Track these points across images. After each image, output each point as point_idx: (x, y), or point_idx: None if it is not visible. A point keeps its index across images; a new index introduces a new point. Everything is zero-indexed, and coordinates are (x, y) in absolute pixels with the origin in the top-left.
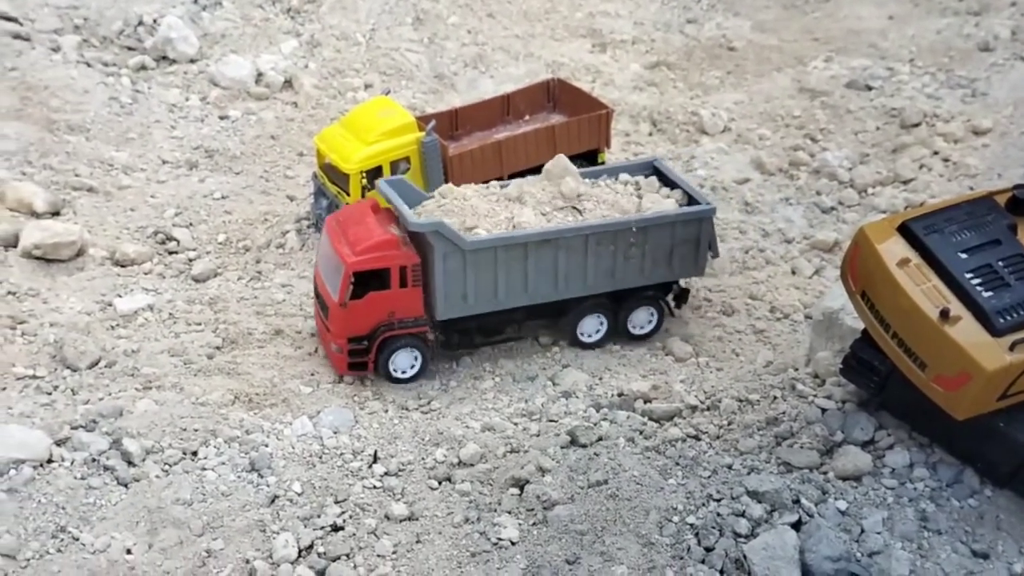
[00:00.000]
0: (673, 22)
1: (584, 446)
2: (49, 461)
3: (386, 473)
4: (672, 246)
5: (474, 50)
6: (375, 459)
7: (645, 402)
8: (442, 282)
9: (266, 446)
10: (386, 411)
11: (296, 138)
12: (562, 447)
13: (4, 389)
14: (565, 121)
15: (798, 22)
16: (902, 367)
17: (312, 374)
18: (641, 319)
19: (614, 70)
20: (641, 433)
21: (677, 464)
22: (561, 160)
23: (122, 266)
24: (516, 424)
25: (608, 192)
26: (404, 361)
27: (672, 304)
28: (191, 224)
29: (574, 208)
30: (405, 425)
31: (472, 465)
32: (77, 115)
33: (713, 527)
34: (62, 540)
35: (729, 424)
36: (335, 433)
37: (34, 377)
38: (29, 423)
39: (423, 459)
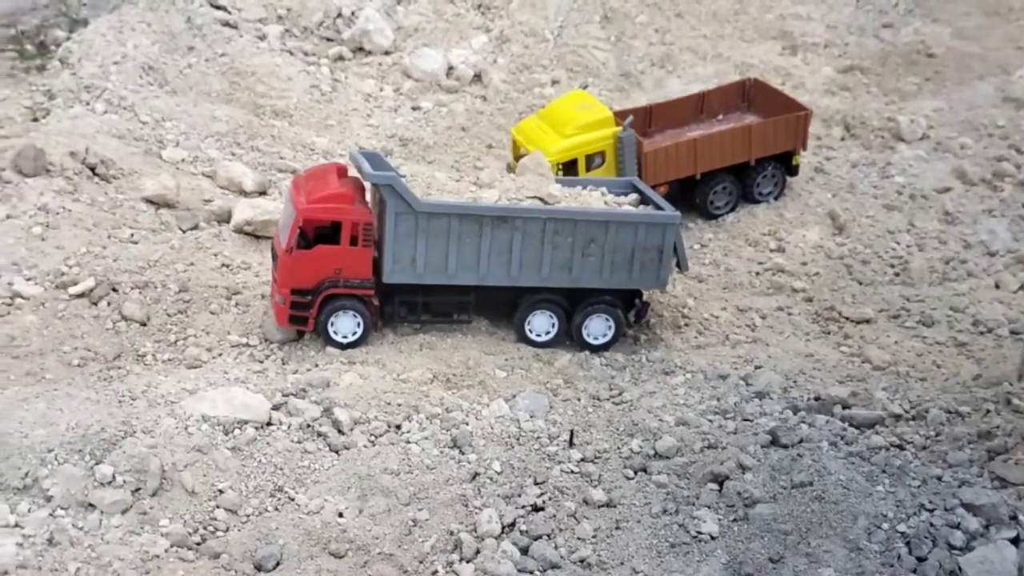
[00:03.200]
0: (867, 26)
1: (786, 447)
2: (268, 424)
3: (583, 459)
4: (633, 251)
5: (662, 49)
6: (572, 440)
7: (844, 407)
8: (392, 243)
9: (466, 424)
10: (579, 399)
11: (485, 130)
12: (762, 446)
13: (220, 355)
14: (762, 121)
15: (1001, 30)
16: None
17: (506, 359)
18: (598, 328)
19: (805, 73)
20: (842, 438)
21: (883, 472)
22: (537, 156)
23: None
24: (711, 421)
25: (581, 195)
26: (346, 325)
27: (632, 318)
28: None
29: (541, 199)
30: (599, 414)
31: (668, 458)
32: (281, 101)
33: (926, 537)
34: (279, 499)
35: (937, 435)
36: (531, 417)
37: (247, 345)
38: (243, 388)
39: (618, 448)
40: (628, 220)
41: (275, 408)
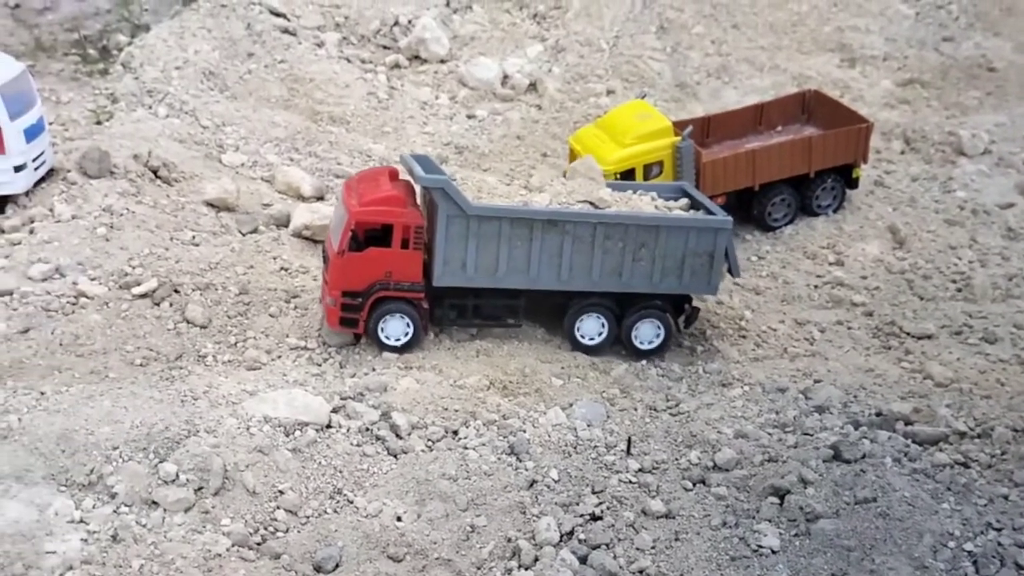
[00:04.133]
0: (928, 39)
1: (849, 462)
2: (328, 426)
3: (640, 469)
4: (684, 256)
5: (718, 60)
6: (629, 447)
7: (906, 424)
8: (443, 245)
9: (523, 432)
10: (635, 409)
11: (540, 139)
12: (824, 461)
13: (279, 357)
14: (823, 133)
15: None
16: None
17: (562, 367)
18: (647, 333)
19: (863, 86)
20: (906, 455)
21: (949, 489)
22: (588, 161)
23: None
24: (770, 434)
25: (632, 199)
26: (396, 328)
27: (682, 323)
28: None
29: (592, 204)
30: (656, 425)
31: (728, 470)
32: (339, 107)
33: (993, 556)
34: (338, 501)
35: (1003, 454)
36: (588, 426)
37: (305, 348)
38: (303, 390)
39: (676, 459)
40: (679, 225)
41: (334, 411)
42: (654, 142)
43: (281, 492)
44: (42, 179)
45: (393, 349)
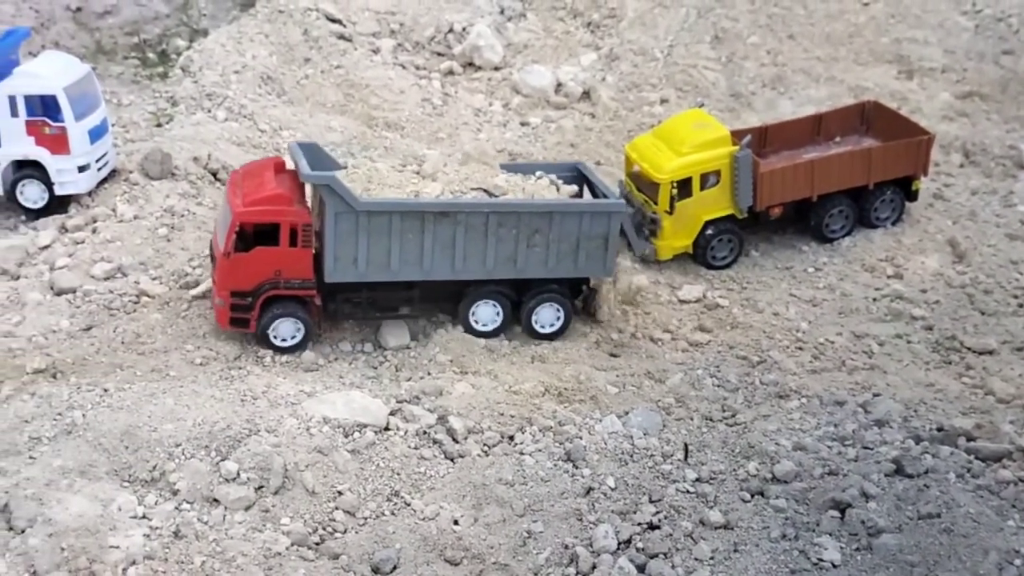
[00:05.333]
0: (987, 52)
1: (911, 476)
2: (386, 429)
3: (698, 479)
4: (578, 240)
5: (773, 71)
6: (687, 454)
7: (968, 439)
8: (333, 242)
9: (579, 439)
10: (691, 419)
11: (594, 147)
12: (886, 475)
13: (336, 360)
14: (883, 145)
15: None
16: None
17: (618, 375)
18: (547, 317)
19: (921, 98)
20: (968, 471)
21: (1013, 506)
22: (481, 146)
23: None
24: (829, 447)
25: (528, 184)
26: (286, 330)
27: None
28: None
29: (486, 191)
30: (713, 435)
31: (787, 482)
32: (394, 113)
33: None
34: (395, 504)
35: None
36: (645, 434)
37: (361, 352)
38: (360, 393)
39: (734, 470)
40: (573, 210)
41: (391, 413)
42: (712, 151)
43: (340, 493)
44: (105, 179)
45: (283, 350)
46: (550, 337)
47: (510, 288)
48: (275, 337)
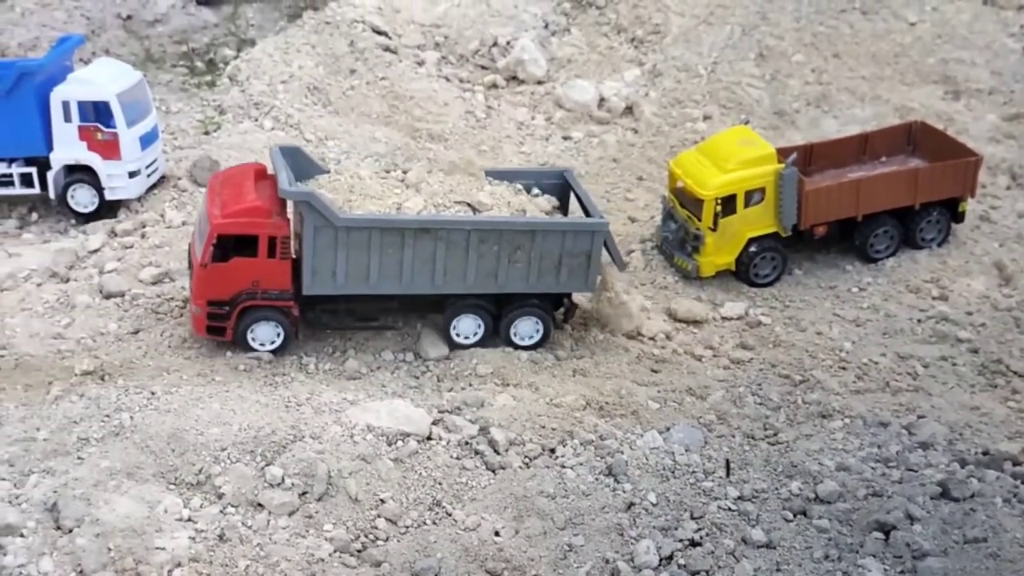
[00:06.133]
0: None
1: (957, 500)
2: (428, 438)
3: (740, 497)
4: (561, 257)
5: (818, 89)
6: (728, 470)
7: (1015, 464)
8: (311, 256)
9: (621, 453)
10: (733, 436)
11: (636, 163)
12: (932, 498)
13: (378, 368)
14: (931, 165)
15: None
16: None
17: (659, 391)
18: (526, 330)
19: (968, 119)
20: (1015, 495)
21: None
22: (468, 156)
23: None
24: (873, 468)
25: (513, 196)
26: (265, 334)
27: (560, 318)
28: None
29: (469, 205)
30: (755, 453)
31: (830, 503)
32: (437, 125)
33: None
34: (437, 513)
35: None
36: (686, 450)
37: (403, 362)
38: (403, 402)
39: (777, 489)
40: (555, 228)
41: (434, 423)
42: (757, 168)
43: (382, 501)
44: (154, 185)
45: (264, 353)
46: (529, 349)
47: (490, 302)
48: (253, 340)
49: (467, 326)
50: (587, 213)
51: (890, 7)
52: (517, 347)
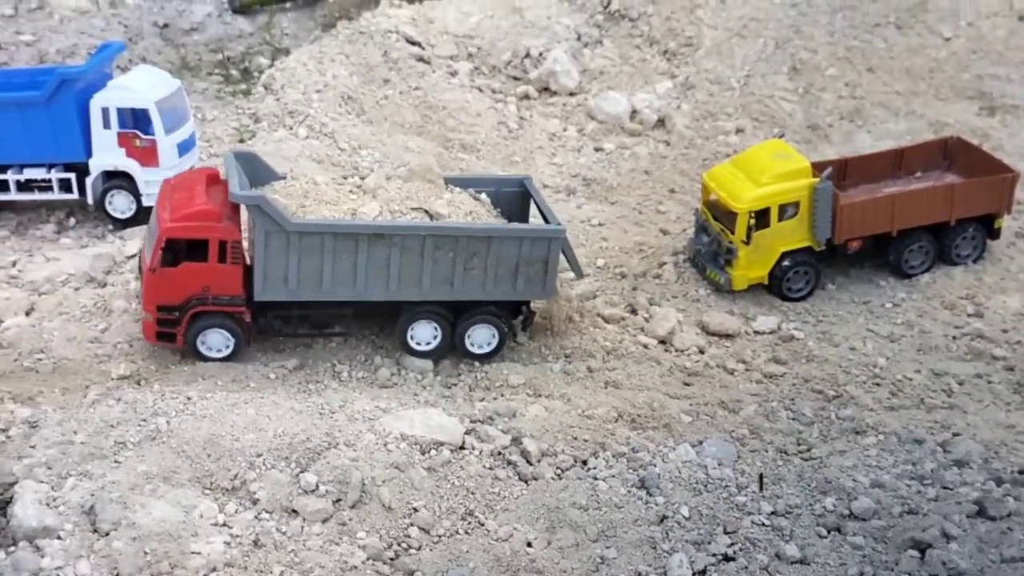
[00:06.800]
0: None
1: (994, 519)
2: (461, 448)
3: (773, 512)
4: (518, 264)
5: (852, 103)
6: (761, 484)
7: None
8: (262, 261)
9: (653, 466)
10: (766, 451)
11: (668, 175)
12: (968, 516)
13: (410, 377)
14: (967, 181)
15: None
16: None
17: (691, 404)
18: (482, 338)
19: (1003, 135)
20: None
21: None
22: (427, 162)
23: None
24: (908, 485)
25: (472, 203)
26: (216, 341)
27: (519, 327)
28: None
29: (426, 212)
30: (788, 468)
31: (865, 519)
32: (470, 135)
33: None
34: (469, 523)
35: None
36: (719, 464)
37: (435, 371)
38: (436, 411)
39: (810, 505)
40: (511, 235)
41: (466, 433)
42: (791, 182)
43: (415, 509)
44: None
45: (215, 360)
46: (484, 357)
47: (446, 309)
48: (204, 347)
49: (423, 333)
50: (547, 222)
51: (925, 22)
52: (472, 356)
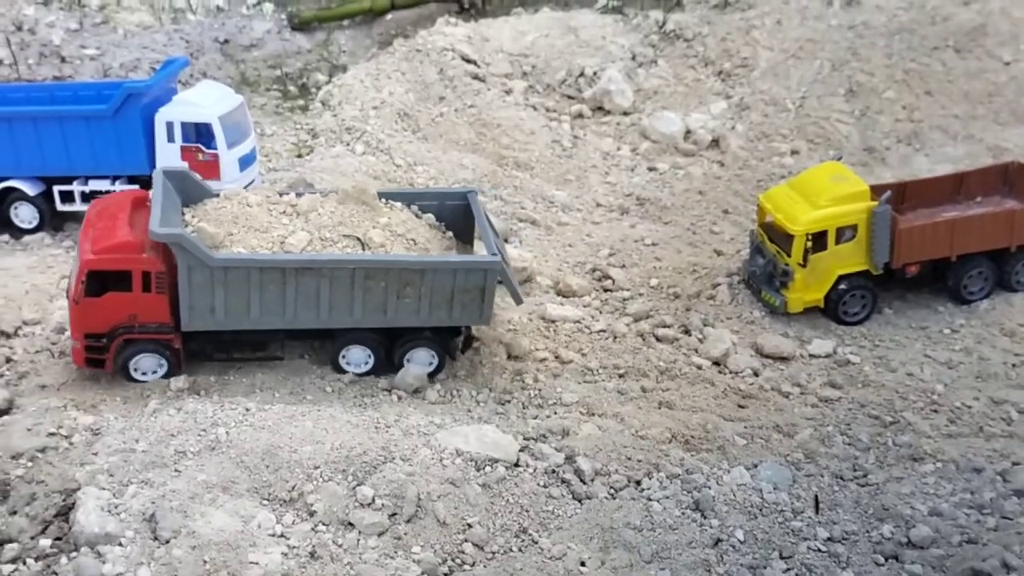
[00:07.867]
0: None
1: None
2: (516, 465)
3: (830, 538)
4: (453, 292)
5: (909, 127)
6: (817, 506)
7: None
8: (187, 294)
9: (708, 488)
10: (822, 476)
11: (722, 196)
12: None
13: (463, 394)
14: None
15: None
16: None
17: (745, 427)
18: (421, 360)
19: None
20: None
21: None
22: (362, 184)
23: (564, 296)
24: (967, 515)
25: (409, 225)
26: (147, 364)
27: (458, 349)
28: (624, 265)
29: (359, 240)
30: (845, 494)
31: (923, 548)
32: (524, 153)
33: None
34: (523, 540)
35: None
36: (775, 488)
37: (489, 389)
38: (491, 428)
39: (867, 532)
40: (445, 267)
41: (520, 450)
42: (849, 205)
43: (469, 525)
44: None
45: (147, 381)
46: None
47: (381, 334)
48: (137, 371)
49: (357, 356)
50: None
51: (984, 46)
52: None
